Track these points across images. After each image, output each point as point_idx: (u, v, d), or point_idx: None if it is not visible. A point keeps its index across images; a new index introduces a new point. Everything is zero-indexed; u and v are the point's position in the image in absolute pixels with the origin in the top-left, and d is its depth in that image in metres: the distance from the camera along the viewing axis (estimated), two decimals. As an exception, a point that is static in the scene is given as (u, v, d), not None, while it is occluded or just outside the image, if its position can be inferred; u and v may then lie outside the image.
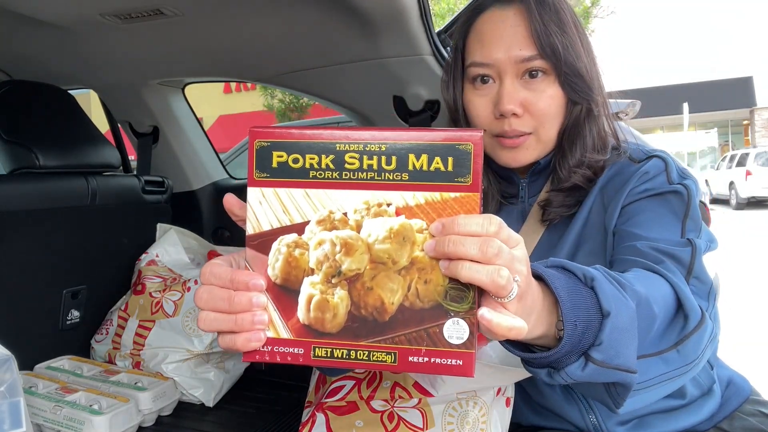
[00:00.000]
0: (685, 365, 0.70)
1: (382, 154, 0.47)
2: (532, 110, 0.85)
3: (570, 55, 0.82)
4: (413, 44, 1.27)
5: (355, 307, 0.48)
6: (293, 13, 1.25)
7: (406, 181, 0.47)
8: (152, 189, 1.67)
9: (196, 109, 1.92)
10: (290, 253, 0.48)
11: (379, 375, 0.87)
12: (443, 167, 0.47)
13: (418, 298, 0.47)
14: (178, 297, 1.47)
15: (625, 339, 0.59)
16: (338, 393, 0.89)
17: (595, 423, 0.91)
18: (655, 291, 0.70)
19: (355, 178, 0.48)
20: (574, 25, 0.86)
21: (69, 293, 1.49)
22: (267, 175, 0.48)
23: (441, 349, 0.47)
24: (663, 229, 0.79)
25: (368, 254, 0.48)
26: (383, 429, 0.86)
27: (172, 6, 1.21)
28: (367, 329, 0.48)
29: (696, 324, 0.69)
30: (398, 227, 0.47)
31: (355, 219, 0.48)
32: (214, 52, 1.49)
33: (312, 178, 0.48)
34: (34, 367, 1.43)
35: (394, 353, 0.47)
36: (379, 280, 0.47)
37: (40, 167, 1.35)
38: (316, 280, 0.48)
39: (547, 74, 0.84)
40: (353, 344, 0.47)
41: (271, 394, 1.55)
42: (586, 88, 0.85)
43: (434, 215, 0.47)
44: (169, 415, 1.37)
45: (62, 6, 1.24)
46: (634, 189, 0.85)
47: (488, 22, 0.87)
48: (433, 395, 0.82)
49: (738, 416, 0.93)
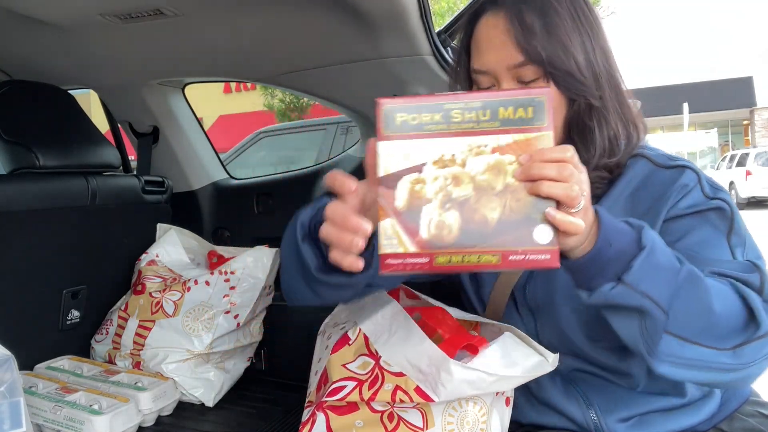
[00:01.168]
0: (736, 365, 0.72)
1: (479, 109, 0.63)
2: None
3: (557, 57, 0.82)
4: (413, 44, 1.27)
5: (465, 223, 0.62)
6: (293, 13, 1.25)
7: (497, 127, 0.63)
8: (152, 189, 1.67)
9: (196, 109, 1.92)
10: (413, 187, 0.63)
11: (381, 377, 0.86)
12: (525, 114, 0.63)
13: (512, 212, 0.62)
14: (178, 297, 1.47)
15: (659, 275, 0.69)
16: (339, 393, 0.88)
17: (595, 420, 0.91)
18: (718, 286, 0.74)
19: (459, 128, 0.63)
20: (571, 20, 0.85)
21: (69, 293, 1.49)
22: (391, 132, 0.64)
23: (532, 248, 0.62)
24: (715, 249, 0.81)
25: (472, 184, 0.63)
26: (383, 429, 0.86)
27: (172, 6, 1.21)
28: (475, 239, 0.62)
29: (763, 333, 0.72)
30: (494, 162, 0.63)
31: (461, 158, 0.63)
32: (214, 52, 1.49)
33: (426, 131, 0.64)
34: (34, 367, 1.43)
35: (498, 254, 0.62)
36: (483, 202, 0.63)
37: (40, 167, 1.35)
38: (434, 207, 0.63)
39: (540, 77, 0.84)
40: (466, 251, 0.62)
41: (271, 394, 1.55)
42: (579, 85, 0.84)
43: (521, 151, 0.62)
44: (169, 415, 1.37)
45: (62, 6, 1.24)
46: (676, 204, 0.85)
47: (483, 28, 0.88)
48: (433, 401, 0.81)
49: (737, 417, 0.93)
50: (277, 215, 1.79)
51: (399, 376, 0.85)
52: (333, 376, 0.91)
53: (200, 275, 1.51)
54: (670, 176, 0.88)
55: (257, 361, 1.65)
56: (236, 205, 1.84)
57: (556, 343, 0.93)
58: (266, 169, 3.97)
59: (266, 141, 4.29)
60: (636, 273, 0.68)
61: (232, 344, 1.48)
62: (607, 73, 0.87)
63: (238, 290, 1.47)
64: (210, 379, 1.45)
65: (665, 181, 0.87)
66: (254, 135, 4.28)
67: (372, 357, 0.89)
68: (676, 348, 0.71)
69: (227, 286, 1.48)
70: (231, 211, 1.85)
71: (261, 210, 1.80)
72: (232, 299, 1.46)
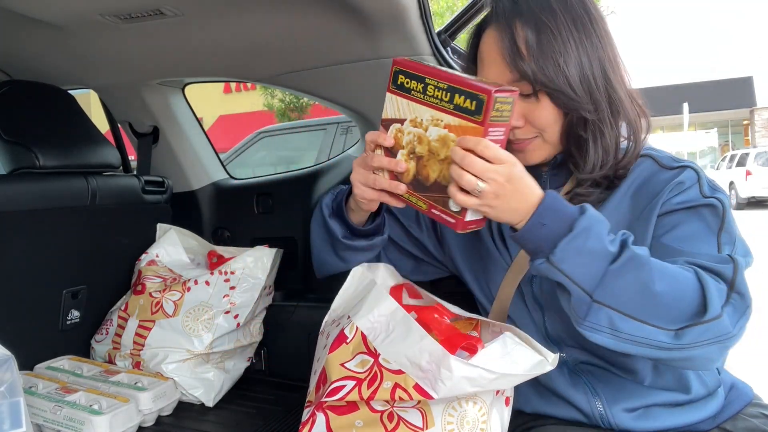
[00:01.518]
0: (676, 345, 0.74)
1: (445, 90, 0.79)
2: (531, 121, 0.90)
3: (547, 75, 0.84)
4: (413, 44, 1.27)
5: (418, 173, 0.84)
6: (293, 13, 1.25)
7: (451, 109, 0.79)
8: (152, 189, 1.67)
9: (196, 109, 1.92)
10: (396, 134, 0.86)
11: (380, 375, 0.87)
12: (470, 106, 0.77)
13: (444, 179, 0.81)
14: (178, 297, 1.47)
15: (583, 258, 0.77)
16: (338, 393, 0.89)
17: (600, 410, 0.92)
18: (672, 271, 0.76)
19: (429, 101, 0.81)
20: (569, 32, 0.85)
21: (69, 293, 1.49)
22: (395, 88, 0.86)
23: (446, 209, 0.82)
24: (701, 243, 0.83)
25: (428, 146, 0.82)
26: (383, 429, 0.86)
27: (172, 6, 1.21)
28: (420, 187, 0.84)
29: (709, 318, 0.74)
30: (443, 135, 0.80)
31: (425, 124, 0.82)
32: (214, 52, 1.49)
33: (412, 96, 0.84)
34: (34, 367, 1.43)
35: (427, 204, 0.84)
36: (429, 163, 0.82)
37: (40, 167, 1.35)
38: (404, 152, 0.85)
39: (533, 91, 0.87)
40: (411, 193, 0.85)
41: (271, 394, 1.55)
42: (569, 101, 0.86)
43: (459, 133, 0.78)
44: (169, 415, 1.37)
45: (62, 6, 1.24)
46: (669, 200, 0.87)
47: (485, 41, 0.91)
48: (433, 398, 0.82)
49: (741, 417, 0.94)
50: (277, 215, 1.79)
51: (398, 373, 0.85)
52: (332, 375, 0.91)
53: (200, 275, 1.51)
54: (669, 175, 0.89)
55: (257, 361, 1.65)
56: (236, 205, 1.84)
57: (563, 336, 0.95)
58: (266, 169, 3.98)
59: (266, 141, 4.29)
60: (559, 254, 0.77)
61: (232, 344, 1.48)
62: (605, 85, 0.88)
63: (238, 290, 1.47)
64: (210, 379, 1.45)
65: (665, 180, 0.89)
66: (254, 135, 4.28)
67: (371, 355, 0.89)
68: (615, 320, 0.75)
69: (227, 286, 1.48)
70: (231, 211, 1.85)
71: (261, 210, 1.80)
72: (232, 299, 1.46)
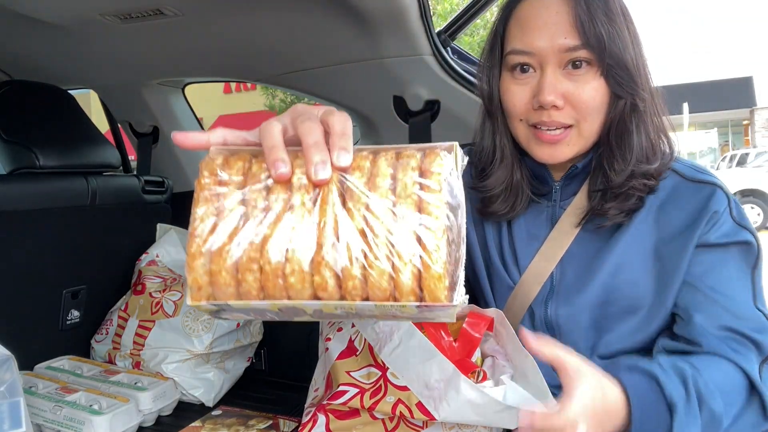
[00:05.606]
0: None
1: None
2: (574, 102, 0.80)
3: (616, 45, 0.77)
4: (413, 44, 1.27)
5: None
6: (293, 12, 1.25)
7: None
8: (152, 189, 1.67)
9: (196, 109, 1.92)
10: None
11: (384, 389, 0.84)
12: None
13: None
14: (178, 297, 1.47)
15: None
16: (341, 397, 0.88)
17: None
18: (729, 394, 0.75)
19: None
20: (623, 14, 0.80)
21: (69, 293, 1.49)
22: None
23: None
24: (736, 289, 0.81)
25: None
26: (383, 428, 0.85)
27: (172, 6, 1.21)
28: None
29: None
30: None
31: None
32: (214, 52, 1.49)
33: None
34: (34, 367, 1.43)
35: None
36: None
37: (40, 167, 1.35)
38: None
39: (591, 65, 0.79)
40: None
41: (271, 394, 1.54)
42: (631, 81, 0.79)
43: None
44: (169, 415, 1.37)
45: (62, 6, 1.24)
46: (706, 234, 0.82)
47: (531, 7, 0.81)
48: (434, 419, 0.78)
49: None
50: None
51: (403, 390, 0.82)
52: (337, 380, 0.90)
53: (200, 275, 1.51)
54: (700, 196, 0.84)
55: (257, 361, 1.65)
56: (236, 205, 1.84)
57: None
58: (266, 169, 3.95)
59: (266, 141, 4.28)
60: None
61: (232, 344, 1.48)
62: (646, 74, 0.83)
63: (238, 290, 1.47)
64: (210, 379, 1.45)
65: (695, 202, 0.84)
66: (254, 135, 4.27)
67: (379, 368, 0.86)
68: None
69: (227, 286, 1.48)
70: (231, 211, 1.85)
71: (261, 210, 1.80)
72: (232, 299, 1.46)
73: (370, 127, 1.59)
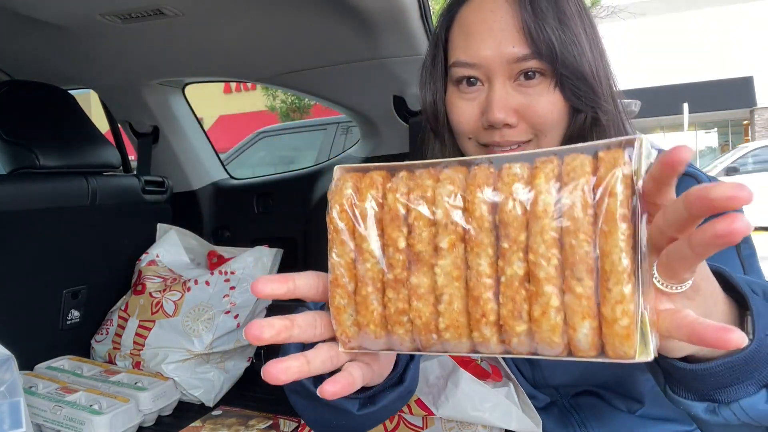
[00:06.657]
0: None
1: None
2: (528, 117, 0.71)
3: (570, 53, 0.68)
4: (413, 44, 1.27)
5: None
6: (293, 13, 1.25)
7: None
8: (152, 189, 1.67)
9: (196, 109, 1.92)
10: None
11: None
12: None
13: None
14: (179, 297, 1.47)
15: None
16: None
17: None
18: None
19: None
20: (578, 15, 0.71)
21: (69, 293, 1.49)
22: None
23: None
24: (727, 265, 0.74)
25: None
26: (383, 428, 0.86)
27: (172, 6, 1.21)
28: None
29: None
30: None
31: None
32: (214, 52, 1.49)
33: None
34: (34, 367, 1.43)
35: None
36: None
37: (40, 167, 1.35)
38: None
39: (545, 76, 0.70)
40: None
41: (271, 394, 1.54)
42: (590, 92, 0.70)
43: None
44: (169, 415, 1.37)
45: (62, 6, 1.24)
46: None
47: (475, 11, 0.71)
48: (433, 414, 0.79)
49: None
50: (277, 215, 1.79)
51: None
52: None
53: (200, 275, 1.51)
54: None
55: (257, 361, 1.65)
56: (236, 205, 1.84)
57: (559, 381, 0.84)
58: (266, 169, 3.97)
59: (266, 141, 4.29)
60: None
61: (232, 344, 1.48)
62: (608, 81, 0.73)
63: (238, 290, 1.47)
64: (210, 379, 1.45)
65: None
66: (254, 135, 4.28)
67: None
68: None
69: (227, 286, 1.48)
70: (231, 211, 1.85)
71: (261, 210, 1.80)
72: (232, 299, 1.46)
73: (370, 127, 1.59)
